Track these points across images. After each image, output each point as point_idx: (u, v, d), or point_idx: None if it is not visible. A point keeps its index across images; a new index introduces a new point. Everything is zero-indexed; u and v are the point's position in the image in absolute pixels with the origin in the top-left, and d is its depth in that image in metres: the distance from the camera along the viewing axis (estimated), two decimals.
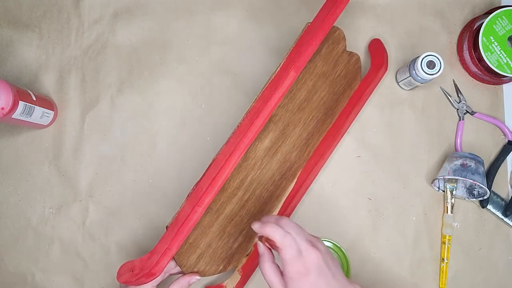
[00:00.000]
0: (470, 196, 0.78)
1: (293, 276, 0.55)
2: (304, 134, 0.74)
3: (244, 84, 0.81)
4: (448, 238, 0.77)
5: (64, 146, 0.79)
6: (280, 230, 0.56)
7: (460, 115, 0.81)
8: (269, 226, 0.57)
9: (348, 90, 0.78)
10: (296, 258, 0.55)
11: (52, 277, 0.77)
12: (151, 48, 0.81)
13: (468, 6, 0.84)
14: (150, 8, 0.82)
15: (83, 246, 0.78)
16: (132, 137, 0.80)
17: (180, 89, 0.81)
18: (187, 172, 0.79)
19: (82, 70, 0.81)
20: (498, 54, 0.77)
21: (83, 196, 0.78)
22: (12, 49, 0.81)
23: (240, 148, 0.60)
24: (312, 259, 0.55)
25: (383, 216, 0.79)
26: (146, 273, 0.57)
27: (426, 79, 0.74)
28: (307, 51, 0.62)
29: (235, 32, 0.82)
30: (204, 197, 0.59)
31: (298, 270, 0.54)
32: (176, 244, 0.58)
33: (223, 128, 0.80)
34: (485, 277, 0.78)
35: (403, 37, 0.83)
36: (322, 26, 0.63)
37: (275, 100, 0.61)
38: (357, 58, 0.77)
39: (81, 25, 0.82)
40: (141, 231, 0.78)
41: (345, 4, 0.64)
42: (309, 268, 0.54)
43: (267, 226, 0.57)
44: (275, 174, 0.73)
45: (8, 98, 0.66)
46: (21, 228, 0.78)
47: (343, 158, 0.80)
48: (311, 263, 0.55)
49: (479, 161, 0.75)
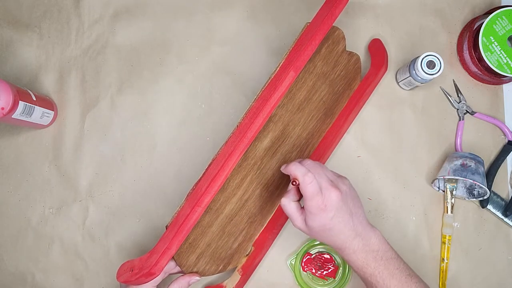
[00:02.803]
0: (470, 196, 0.78)
1: (312, 210, 0.58)
2: (304, 134, 0.74)
3: (244, 84, 0.81)
4: (448, 238, 0.77)
5: (64, 146, 0.79)
6: (302, 168, 0.59)
7: (460, 115, 0.81)
8: (292, 164, 0.60)
9: (348, 90, 0.78)
10: (315, 194, 0.57)
11: (52, 277, 0.77)
12: (151, 48, 0.82)
13: (468, 6, 0.83)
14: (150, 8, 0.82)
15: (83, 246, 0.78)
16: (132, 137, 0.80)
17: (180, 89, 0.81)
18: (187, 172, 0.79)
19: (82, 70, 0.81)
20: (498, 54, 0.76)
21: (83, 196, 0.78)
22: (12, 49, 0.81)
23: (239, 148, 0.60)
24: (331, 198, 0.57)
25: (383, 216, 0.79)
26: (145, 272, 0.58)
27: (426, 79, 0.74)
28: (307, 51, 0.62)
29: (235, 32, 0.82)
30: (204, 197, 0.59)
31: (317, 205, 0.57)
32: (175, 243, 0.58)
33: (223, 128, 0.80)
34: (485, 277, 0.78)
35: (403, 37, 0.83)
36: (321, 26, 0.63)
37: (274, 100, 0.61)
38: (357, 58, 0.77)
39: (81, 25, 0.82)
40: (141, 231, 0.78)
41: (344, 4, 0.64)
42: (328, 205, 0.57)
43: (291, 165, 0.60)
44: (275, 174, 0.73)
45: (8, 98, 0.66)
46: (21, 228, 0.78)
47: (343, 158, 0.80)
48: (330, 201, 0.57)
49: (479, 161, 0.75)
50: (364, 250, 0.59)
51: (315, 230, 0.59)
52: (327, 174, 0.60)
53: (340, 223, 0.58)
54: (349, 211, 0.58)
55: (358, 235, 0.59)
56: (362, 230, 0.59)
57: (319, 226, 0.58)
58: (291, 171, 0.59)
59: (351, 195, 0.60)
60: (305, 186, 0.57)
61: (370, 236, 0.60)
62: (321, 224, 0.58)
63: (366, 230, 0.60)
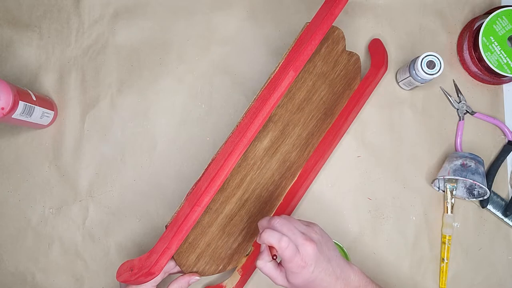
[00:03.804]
0: (470, 196, 0.78)
1: (293, 270, 0.58)
2: (304, 134, 0.74)
3: (244, 84, 0.81)
4: (448, 238, 0.77)
5: (64, 146, 0.79)
6: (275, 235, 0.59)
7: (460, 115, 0.81)
8: (264, 232, 0.59)
9: (348, 90, 0.78)
10: (294, 256, 0.58)
11: (52, 277, 0.77)
12: (151, 48, 0.82)
13: (468, 6, 0.83)
14: (150, 8, 0.82)
15: (83, 246, 0.78)
16: (132, 137, 0.80)
17: (180, 89, 0.81)
18: (187, 172, 0.79)
19: (82, 70, 0.81)
20: (498, 54, 0.76)
21: (83, 196, 0.79)
22: (12, 49, 0.81)
23: (239, 147, 0.60)
24: (308, 253, 0.58)
25: (383, 216, 0.79)
26: (145, 272, 0.57)
27: (426, 79, 0.74)
28: (306, 50, 0.62)
29: (235, 32, 0.82)
30: (203, 197, 0.59)
31: (297, 265, 0.58)
32: (175, 243, 0.58)
33: (223, 128, 0.80)
34: (485, 277, 0.78)
35: (403, 37, 0.83)
36: (321, 26, 0.63)
37: (274, 99, 0.61)
38: (357, 58, 0.77)
39: (81, 25, 0.82)
40: (141, 231, 0.78)
41: (343, 4, 0.64)
42: (307, 261, 0.58)
43: (263, 234, 0.60)
44: (274, 174, 0.73)
45: (8, 98, 0.66)
46: (21, 228, 0.78)
47: (343, 158, 0.80)
48: (308, 257, 0.58)
49: (479, 161, 0.75)
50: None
51: (299, 286, 0.60)
52: (298, 227, 0.60)
53: (321, 273, 0.59)
54: (327, 258, 0.59)
55: (338, 277, 0.60)
56: (340, 272, 0.60)
57: (302, 281, 0.59)
58: (265, 241, 0.59)
59: (324, 241, 0.61)
60: (282, 251, 0.58)
61: (349, 275, 0.61)
62: (304, 279, 0.59)
63: (344, 270, 0.61)
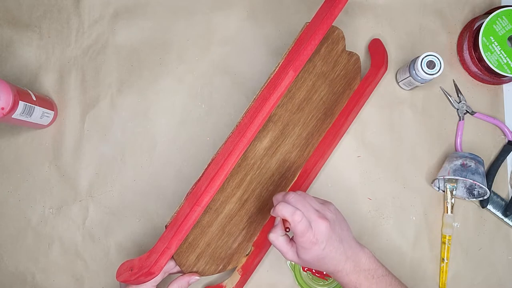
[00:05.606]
0: (470, 196, 0.78)
1: (304, 245, 0.59)
2: (304, 133, 0.74)
3: (244, 84, 0.81)
4: (448, 238, 0.77)
5: (64, 146, 0.79)
6: (288, 208, 0.59)
7: (460, 115, 0.81)
8: (279, 205, 0.60)
9: (348, 90, 0.78)
10: (306, 231, 0.58)
11: (52, 277, 0.77)
12: (151, 48, 0.82)
13: (468, 6, 0.83)
14: (150, 8, 0.82)
15: (83, 246, 0.78)
16: (132, 137, 0.80)
17: (180, 89, 0.81)
18: (187, 172, 0.79)
19: (82, 70, 0.81)
20: (498, 54, 0.76)
21: (83, 196, 0.79)
22: (12, 49, 0.81)
23: (238, 147, 0.60)
24: (321, 230, 0.58)
25: (383, 216, 0.79)
26: (145, 272, 0.57)
27: (426, 79, 0.74)
28: (306, 50, 0.62)
29: (235, 32, 0.82)
30: (203, 197, 0.59)
31: (308, 240, 0.58)
32: (174, 243, 0.58)
33: (223, 128, 0.80)
34: (485, 277, 0.78)
35: (403, 37, 0.83)
36: (320, 26, 0.63)
37: (273, 99, 0.61)
38: (357, 58, 0.77)
39: (81, 25, 0.82)
40: (141, 231, 0.78)
41: (343, 4, 0.64)
42: (318, 237, 0.58)
43: (277, 206, 0.60)
44: (274, 173, 0.73)
45: (8, 98, 0.66)
46: (21, 228, 0.78)
47: (343, 158, 0.80)
48: (320, 233, 0.58)
49: (479, 161, 0.75)
50: (356, 271, 0.60)
51: (308, 261, 0.61)
52: (312, 204, 0.61)
53: (332, 251, 0.59)
54: (338, 237, 0.60)
55: (349, 258, 0.60)
56: (352, 252, 0.61)
57: (312, 258, 0.60)
58: (278, 213, 0.60)
59: (338, 220, 0.61)
60: (295, 225, 0.58)
61: (360, 256, 0.61)
62: (314, 255, 0.59)
63: (356, 251, 0.61)
